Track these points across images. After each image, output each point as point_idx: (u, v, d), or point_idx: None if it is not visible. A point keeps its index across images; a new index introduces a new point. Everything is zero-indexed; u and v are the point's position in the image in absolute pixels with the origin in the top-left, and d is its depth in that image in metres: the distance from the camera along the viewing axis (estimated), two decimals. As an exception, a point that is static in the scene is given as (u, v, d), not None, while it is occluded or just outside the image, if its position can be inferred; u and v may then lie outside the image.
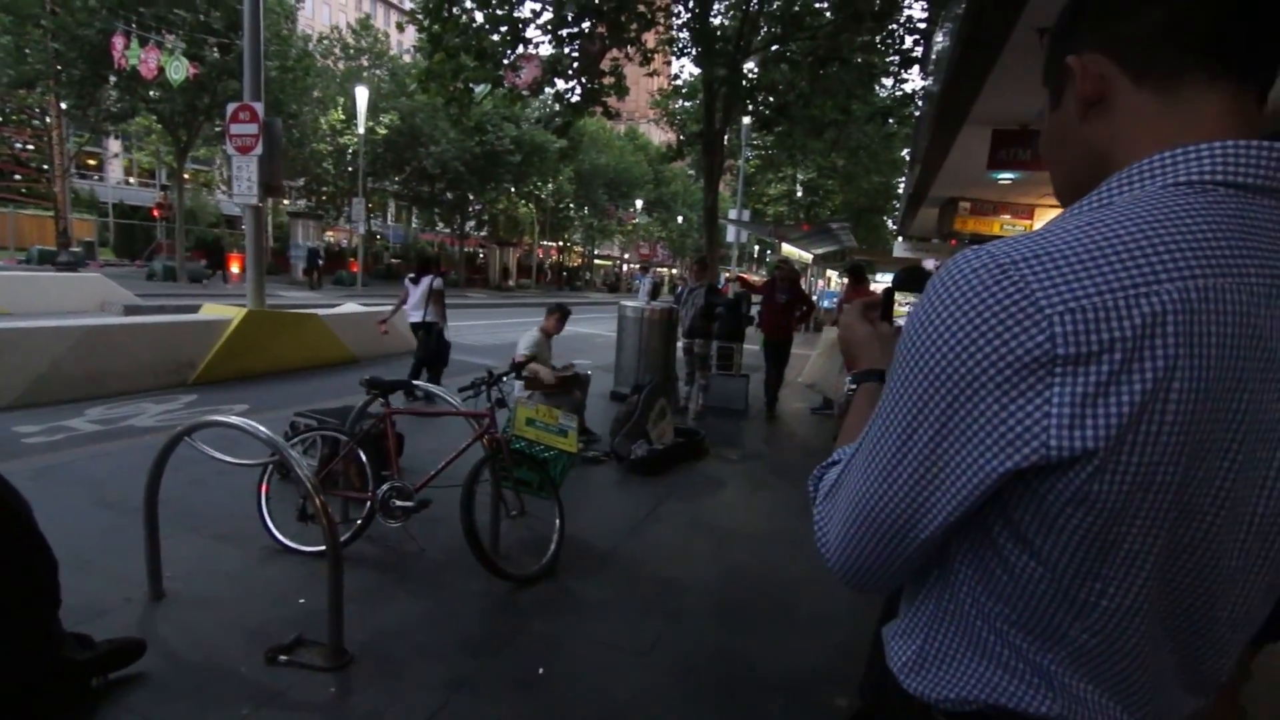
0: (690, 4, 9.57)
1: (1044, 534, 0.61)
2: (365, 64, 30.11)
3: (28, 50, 17.38)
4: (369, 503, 3.39)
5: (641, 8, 9.31)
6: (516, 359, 4.85)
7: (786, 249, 22.80)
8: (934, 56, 10.05)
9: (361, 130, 22.73)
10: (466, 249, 36.15)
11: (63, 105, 20.24)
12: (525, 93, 10.30)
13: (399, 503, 3.34)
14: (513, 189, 33.36)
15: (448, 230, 36.78)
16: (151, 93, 17.68)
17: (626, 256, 55.06)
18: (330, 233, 32.07)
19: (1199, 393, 0.55)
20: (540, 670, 2.61)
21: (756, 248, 36.32)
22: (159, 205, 25.74)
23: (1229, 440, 0.57)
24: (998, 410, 0.57)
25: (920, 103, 13.67)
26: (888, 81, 13.27)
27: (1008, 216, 12.94)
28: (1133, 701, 0.67)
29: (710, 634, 3.02)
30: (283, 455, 2.45)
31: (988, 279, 0.58)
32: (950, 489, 0.61)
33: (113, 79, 17.27)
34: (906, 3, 9.65)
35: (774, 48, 10.53)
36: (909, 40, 10.34)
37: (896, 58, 10.71)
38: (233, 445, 3.58)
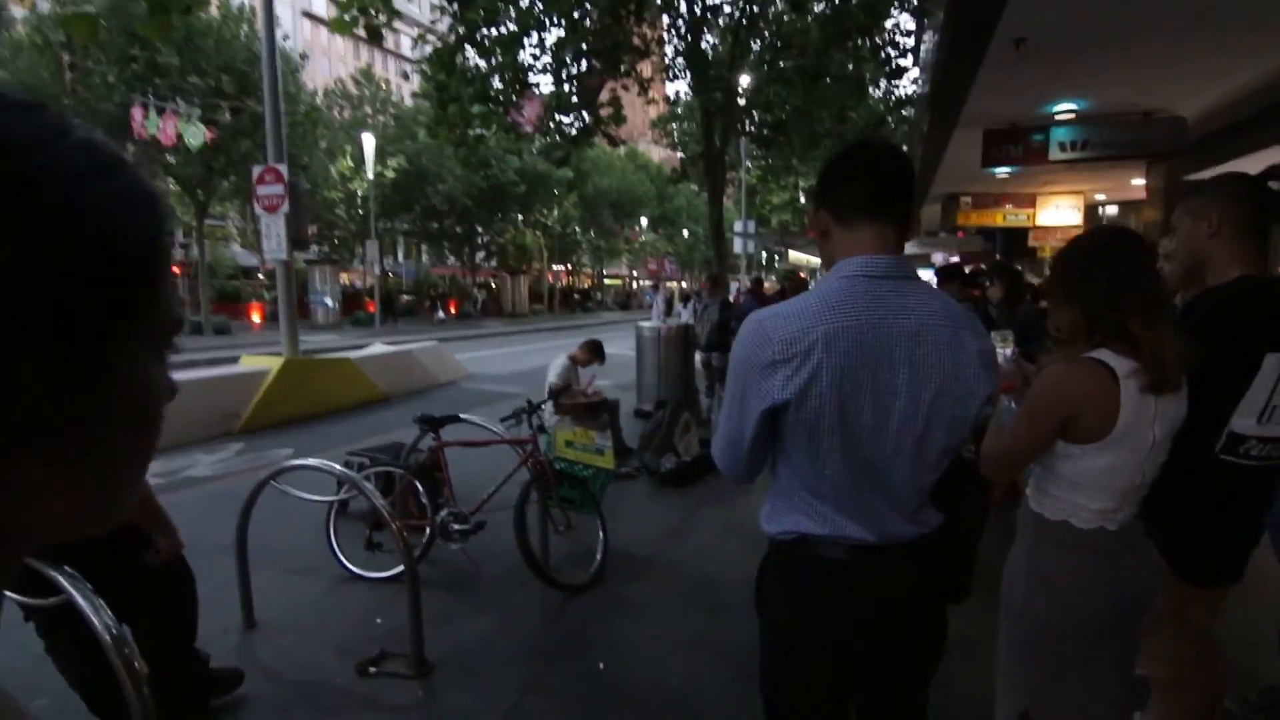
0: (682, 31, 9.96)
1: (792, 442, 1.28)
2: (370, 112, 31.03)
3: None
4: (428, 529, 3.70)
5: (636, 41, 9.71)
6: (550, 387, 5.18)
7: (794, 255, 23.09)
8: (922, 61, 10.36)
9: (370, 175, 23.46)
10: (479, 280, 36.81)
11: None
12: (529, 129, 10.76)
13: (457, 527, 3.65)
14: (520, 218, 34.04)
15: (458, 263, 37.53)
16: (170, 158, 18.49)
17: (635, 274, 55.62)
18: (345, 275, 32.86)
19: (838, 371, 1.20)
20: (600, 666, 2.90)
21: (764, 255, 36.72)
22: (179, 264, 26.57)
23: (865, 391, 1.22)
24: (759, 383, 1.24)
25: (914, 106, 13.97)
26: (882, 85, 13.61)
27: (1010, 207, 13.16)
28: (866, 524, 1.29)
29: (750, 623, 3.27)
30: (361, 490, 2.77)
31: (753, 325, 1.28)
32: (748, 418, 1.28)
33: (132, 148, 18.08)
34: (893, 14, 9.90)
35: (765, 67, 10.90)
36: (896, 50, 10.66)
37: (886, 68, 11.04)
38: (295, 485, 3.91)
